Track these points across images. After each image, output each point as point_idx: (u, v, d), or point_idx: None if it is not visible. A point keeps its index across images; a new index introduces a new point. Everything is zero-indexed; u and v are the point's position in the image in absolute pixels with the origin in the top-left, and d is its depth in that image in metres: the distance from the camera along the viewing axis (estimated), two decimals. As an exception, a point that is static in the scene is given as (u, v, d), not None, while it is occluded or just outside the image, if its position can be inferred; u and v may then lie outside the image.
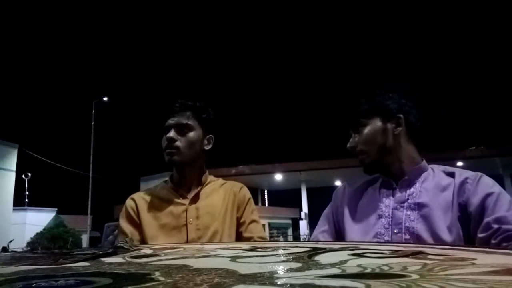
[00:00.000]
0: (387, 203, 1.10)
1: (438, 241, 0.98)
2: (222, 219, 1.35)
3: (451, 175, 1.09)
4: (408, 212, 1.06)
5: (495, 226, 0.96)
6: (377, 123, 1.13)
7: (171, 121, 1.36)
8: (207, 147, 1.40)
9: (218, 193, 1.41)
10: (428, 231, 1.01)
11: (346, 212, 1.18)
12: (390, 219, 1.07)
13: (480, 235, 0.97)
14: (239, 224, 1.40)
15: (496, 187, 1.03)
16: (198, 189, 1.38)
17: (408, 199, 1.08)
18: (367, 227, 1.10)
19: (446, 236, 0.98)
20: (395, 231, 1.04)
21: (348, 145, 1.18)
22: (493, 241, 0.94)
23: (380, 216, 1.09)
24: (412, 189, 1.09)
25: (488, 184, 1.03)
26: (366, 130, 1.14)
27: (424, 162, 1.14)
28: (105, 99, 18.34)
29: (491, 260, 0.48)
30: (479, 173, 1.07)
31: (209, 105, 1.44)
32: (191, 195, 1.37)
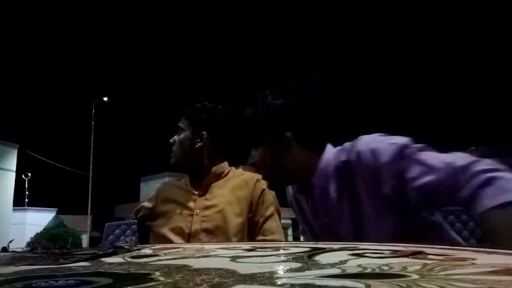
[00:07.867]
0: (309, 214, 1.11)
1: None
2: (229, 212, 1.34)
3: None
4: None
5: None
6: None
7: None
8: (199, 145, 1.43)
9: (232, 187, 1.41)
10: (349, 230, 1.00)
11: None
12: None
13: None
14: (253, 224, 1.36)
15: None
16: (209, 181, 1.42)
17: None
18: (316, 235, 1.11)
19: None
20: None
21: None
22: None
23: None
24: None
25: None
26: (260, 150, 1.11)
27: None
28: (105, 99, 18.36)
29: (491, 260, 0.48)
30: None
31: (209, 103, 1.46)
32: (201, 187, 1.41)
